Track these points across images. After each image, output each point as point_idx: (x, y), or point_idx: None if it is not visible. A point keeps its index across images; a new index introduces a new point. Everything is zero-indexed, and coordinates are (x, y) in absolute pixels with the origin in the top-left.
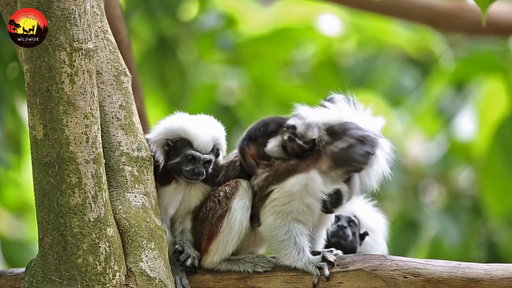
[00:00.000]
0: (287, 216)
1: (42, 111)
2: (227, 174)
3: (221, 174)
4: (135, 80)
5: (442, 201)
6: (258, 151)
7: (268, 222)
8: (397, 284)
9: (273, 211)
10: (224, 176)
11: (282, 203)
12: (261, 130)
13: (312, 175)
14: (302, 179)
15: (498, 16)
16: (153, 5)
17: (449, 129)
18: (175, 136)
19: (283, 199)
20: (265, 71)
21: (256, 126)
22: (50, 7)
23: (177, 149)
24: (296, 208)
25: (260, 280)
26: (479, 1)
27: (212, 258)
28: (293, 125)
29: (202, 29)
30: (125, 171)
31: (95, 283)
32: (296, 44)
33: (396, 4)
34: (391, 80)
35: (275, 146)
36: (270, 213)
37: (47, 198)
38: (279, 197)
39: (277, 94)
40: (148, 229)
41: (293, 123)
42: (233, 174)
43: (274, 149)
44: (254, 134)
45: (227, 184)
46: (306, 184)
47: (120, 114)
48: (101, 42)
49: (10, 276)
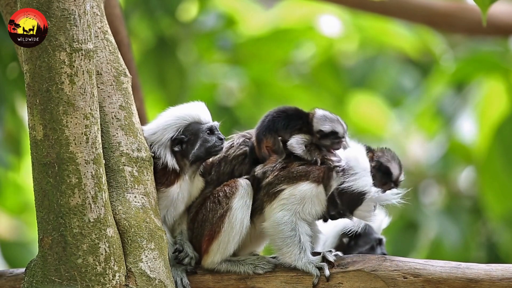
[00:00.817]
0: (296, 214)
1: (42, 111)
2: (220, 170)
3: (213, 171)
4: (135, 81)
5: (442, 201)
6: (274, 144)
7: (276, 217)
8: (396, 284)
9: (282, 208)
10: (217, 172)
11: (293, 202)
12: (284, 124)
13: (321, 189)
14: (314, 188)
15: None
16: (152, 5)
17: (449, 130)
18: (180, 128)
19: (294, 200)
20: (265, 71)
21: (278, 117)
22: (50, 8)
23: (190, 136)
24: (307, 209)
25: (260, 281)
26: (479, 1)
27: (213, 258)
28: (334, 131)
29: (202, 29)
30: (125, 172)
31: (95, 284)
32: (296, 44)
33: (396, 5)
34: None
35: (301, 144)
36: (278, 209)
37: (47, 198)
38: (290, 197)
39: (277, 95)
40: (148, 229)
41: (331, 128)
42: (227, 170)
43: (298, 147)
44: (275, 125)
45: (226, 184)
46: (317, 195)
47: (120, 114)
48: (101, 42)
49: (10, 276)
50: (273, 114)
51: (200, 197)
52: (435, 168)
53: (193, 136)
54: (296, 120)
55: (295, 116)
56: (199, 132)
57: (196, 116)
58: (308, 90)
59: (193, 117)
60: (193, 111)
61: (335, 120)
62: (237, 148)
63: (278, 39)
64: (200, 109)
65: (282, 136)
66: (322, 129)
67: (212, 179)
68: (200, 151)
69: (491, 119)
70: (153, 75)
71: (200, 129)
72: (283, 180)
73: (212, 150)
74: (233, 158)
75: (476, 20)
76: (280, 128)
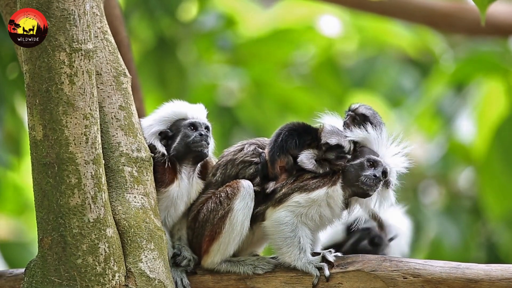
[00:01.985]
0: (298, 217)
1: (41, 111)
2: (226, 172)
3: (218, 172)
4: (135, 81)
5: (441, 202)
6: (287, 163)
7: (277, 217)
8: (396, 284)
9: (285, 209)
10: (223, 174)
11: (300, 205)
12: (295, 142)
13: (337, 188)
14: (329, 189)
15: (497, 16)
16: (152, 5)
17: (448, 130)
18: (168, 123)
19: (303, 202)
20: (265, 71)
21: (290, 135)
22: (49, 8)
23: (175, 131)
24: (310, 214)
25: (260, 281)
26: (478, 1)
27: (213, 259)
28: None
29: (202, 29)
30: (124, 172)
31: (95, 284)
32: (296, 45)
33: (396, 5)
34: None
35: (311, 159)
36: (282, 209)
37: (47, 198)
38: (300, 200)
39: (277, 95)
40: (147, 229)
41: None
42: (232, 173)
43: (309, 162)
44: (287, 145)
45: (228, 185)
46: (330, 195)
47: (120, 114)
48: (100, 42)
49: (10, 276)
50: (285, 133)
51: (202, 197)
52: (435, 169)
53: (176, 131)
54: (306, 136)
55: (305, 133)
56: (181, 127)
57: (183, 113)
58: (309, 90)
59: (181, 113)
60: (182, 108)
61: (341, 135)
62: (246, 154)
63: (278, 40)
64: (190, 107)
65: (293, 153)
66: (329, 142)
67: (217, 181)
68: (180, 145)
69: (491, 120)
70: (153, 76)
71: (183, 125)
72: (295, 189)
73: (192, 145)
74: (240, 162)
75: (476, 20)
76: (292, 148)
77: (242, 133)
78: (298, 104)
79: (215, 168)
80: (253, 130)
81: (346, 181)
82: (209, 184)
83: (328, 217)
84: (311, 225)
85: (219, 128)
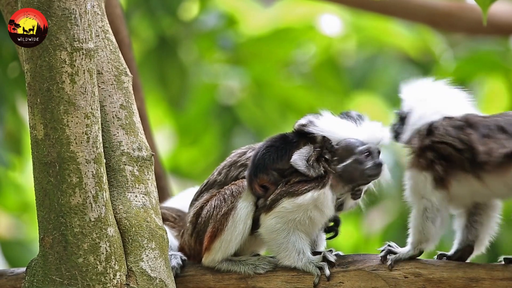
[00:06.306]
0: (288, 223)
1: (42, 110)
2: (228, 174)
3: (223, 172)
4: (136, 80)
5: None
6: (269, 179)
7: (268, 224)
8: (397, 283)
9: (275, 215)
10: (226, 175)
11: (287, 210)
12: (274, 157)
13: (326, 190)
14: (315, 193)
15: (498, 16)
16: (153, 4)
17: None
18: None
19: (290, 208)
20: (266, 71)
21: (267, 153)
22: (50, 7)
23: None
24: (298, 218)
25: (261, 280)
26: (479, 1)
27: (214, 256)
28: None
29: (203, 28)
30: (125, 171)
31: (96, 283)
32: (296, 44)
33: (396, 4)
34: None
35: (303, 159)
36: (272, 216)
37: (48, 197)
38: (287, 205)
39: (277, 94)
40: (148, 228)
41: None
42: (234, 175)
43: (302, 163)
44: (265, 162)
45: (233, 183)
46: (317, 198)
47: (121, 113)
48: (101, 41)
49: (11, 275)
50: (262, 151)
51: (206, 194)
52: None
53: None
54: (287, 146)
55: (283, 144)
56: None
57: None
58: (309, 89)
59: None
60: None
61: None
62: (247, 158)
63: (279, 39)
64: None
65: (278, 166)
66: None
67: (220, 180)
68: None
69: None
70: (154, 75)
71: None
72: (284, 195)
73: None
74: (240, 165)
75: (477, 20)
76: (272, 163)
77: (243, 133)
78: (299, 103)
79: (221, 167)
80: (254, 130)
81: (348, 181)
82: (213, 183)
83: (318, 219)
84: (303, 228)
85: (220, 127)
